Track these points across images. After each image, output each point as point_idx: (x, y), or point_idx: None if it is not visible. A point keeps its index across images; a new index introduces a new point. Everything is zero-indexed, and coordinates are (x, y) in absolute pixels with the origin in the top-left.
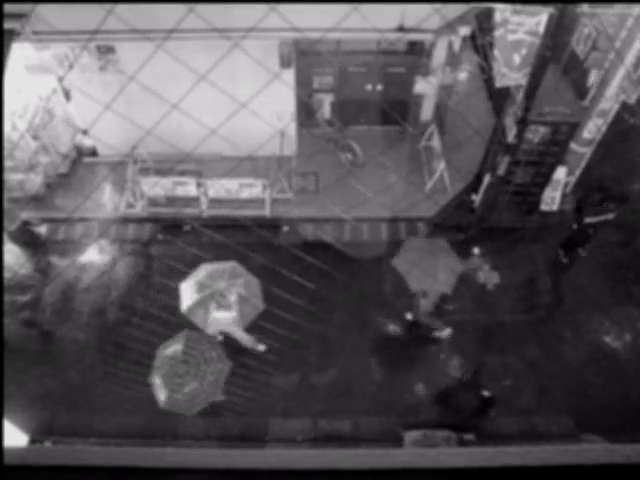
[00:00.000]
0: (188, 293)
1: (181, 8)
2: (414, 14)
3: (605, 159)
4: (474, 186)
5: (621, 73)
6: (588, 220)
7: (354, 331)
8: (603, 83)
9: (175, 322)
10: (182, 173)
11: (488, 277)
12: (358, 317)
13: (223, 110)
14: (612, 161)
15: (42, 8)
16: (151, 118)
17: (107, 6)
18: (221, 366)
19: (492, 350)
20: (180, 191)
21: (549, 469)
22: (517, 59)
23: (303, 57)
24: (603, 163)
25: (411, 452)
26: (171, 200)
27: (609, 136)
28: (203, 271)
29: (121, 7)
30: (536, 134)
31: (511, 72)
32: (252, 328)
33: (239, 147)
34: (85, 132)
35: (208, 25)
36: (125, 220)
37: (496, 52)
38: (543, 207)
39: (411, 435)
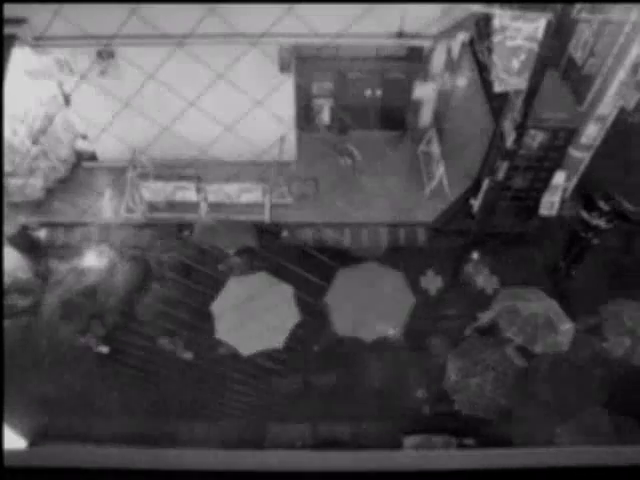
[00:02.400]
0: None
1: (187, 13)
2: (413, 20)
3: (605, 160)
4: (473, 191)
5: (619, 79)
6: (584, 215)
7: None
8: (601, 89)
9: (173, 326)
10: (182, 178)
11: (487, 281)
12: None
13: (222, 116)
14: (612, 162)
15: (43, 12)
16: (151, 123)
17: (109, 11)
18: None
19: None
20: (180, 196)
21: (550, 471)
22: (516, 65)
23: (303, 62)
24: (603, 164)
25: (411, 454)
26: (171, 205)
27: (608, 137)
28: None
29: (123, 12)
30: (535, 139)
31: (510, 77)
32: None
33: (239, 152)
34: (85, 137)
35: (216, 29)
36: (125, 225)
37: (495, 58)
38: (542, 212)
39: (411, 440)
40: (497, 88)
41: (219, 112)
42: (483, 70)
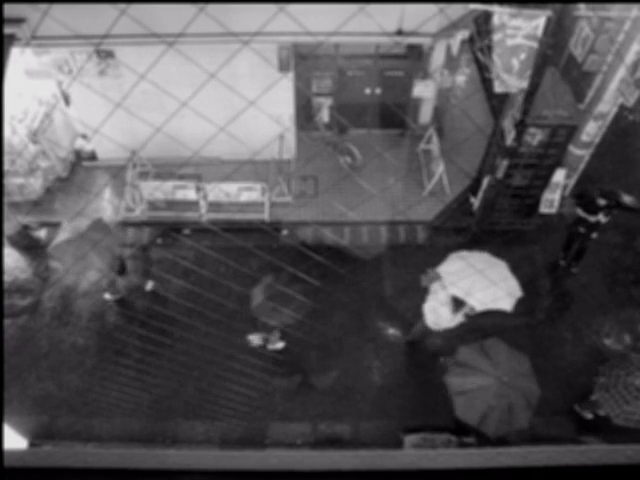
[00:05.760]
0: None
1: (184, 12)
2: (412, 17)
3: (605, 157)
4: (473, 189)
5: (619, 76)
6: (580, 213)
7: (354, 334)
8: (601, 86)
9: (172, 326)
10: (181, 177)
11: None
12: (358, 320)
13: (222, 114)
14: (612, 159)
15: (38, 12)
16: (150, 122)
17: (107, 11)
18: None
19: None
20: (179, 195)
21: (550, 470)
22: (516, 64)
23: (302, 61)
24: (603, 162)
25: (412, 453)
26: (170, 204)
27: (609, 134)
28: None
29: (115, 12)
30: (534, 137)
31: (510, 77)
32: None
33: (238, 151)
34: (84, 136)
35: (211, 29)
36: (124, 224)
37: (495, 57)
38: (542, 209)
39: (411, 439)
40: (497, 89)
41: (219, 111)
42: (482, 68)
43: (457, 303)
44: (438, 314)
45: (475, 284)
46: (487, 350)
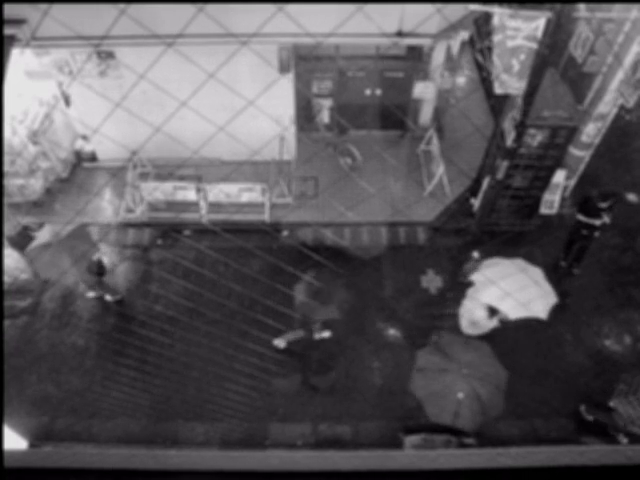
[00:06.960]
0: None
1: (184, 13)
2: (412, 18)
3: (605, 158)
4: (473, 190)
5: (619, 77)
6: (583, 219)
7: (355, 334)
8: (601, 87)
9: (173, 326)
10: (182, 178)
11: None
12: (358, 320)
13: (222, 115)
14: (612, 160)
15: (38, 13)
16: (151, 123)
17: (107, 12)
18: None
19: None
20: (180, 196)
21: (550, 470)
22: (516, 65)
23: (302, 62)
24: (603, 162)
25: (412, 454)
26: (171, 205)
27: (609, 135)
28: None
29: (115, 12)
30: (534, 138)
31: (511, 79)
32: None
33: (238, 152)
34: (85, 137)
35: (211, 29)
36: (125, 225)
37: (495, 58)
38: (542, 210)
39: (411, 439)
40: (497, 90)
41: (219, 112)
42: (482, 69)
43: (491, 309)
44: (474, 319)
45: (509, 291)
46: (443, 348)
